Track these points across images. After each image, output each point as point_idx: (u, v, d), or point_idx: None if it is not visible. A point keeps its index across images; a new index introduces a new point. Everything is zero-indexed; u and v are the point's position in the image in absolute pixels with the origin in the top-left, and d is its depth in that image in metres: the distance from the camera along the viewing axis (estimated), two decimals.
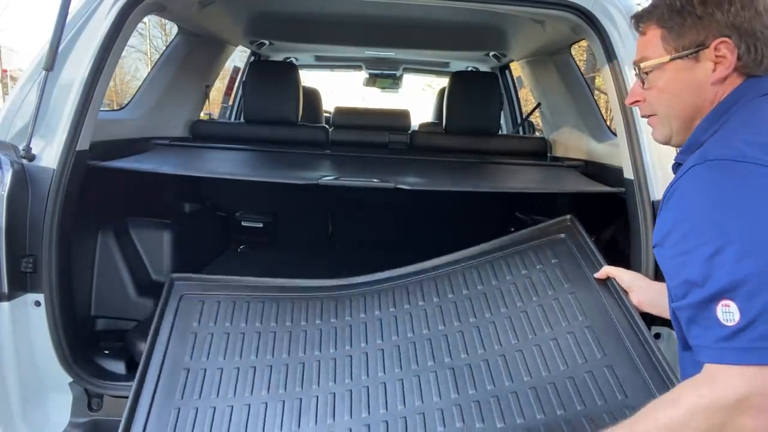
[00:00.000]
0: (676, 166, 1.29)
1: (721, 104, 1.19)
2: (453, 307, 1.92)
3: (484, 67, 4.83)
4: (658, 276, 1.82)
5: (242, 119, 3.61)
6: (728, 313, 0.99)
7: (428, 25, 3.22)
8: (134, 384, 1.69)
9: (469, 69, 4.96)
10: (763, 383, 0.96)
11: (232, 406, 1.67)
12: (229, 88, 4.97)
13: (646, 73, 1.25)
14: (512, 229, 3.18)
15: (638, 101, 1.30)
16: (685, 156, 1.21)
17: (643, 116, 1.33)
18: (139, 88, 3.01)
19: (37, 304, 1.83)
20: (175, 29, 3.14)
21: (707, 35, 1.18)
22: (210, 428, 1.60)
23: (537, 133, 4.46)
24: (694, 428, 0.99)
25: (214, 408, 1.66)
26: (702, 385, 1.01)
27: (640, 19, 1.28)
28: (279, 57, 4.81)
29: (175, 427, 1.60)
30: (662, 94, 1.24)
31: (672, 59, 1.21)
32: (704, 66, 1.19)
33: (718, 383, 0.99)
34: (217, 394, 1.70)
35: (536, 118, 4.32)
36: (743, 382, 0.97)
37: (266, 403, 1.67)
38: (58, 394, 1.92)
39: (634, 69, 1.30)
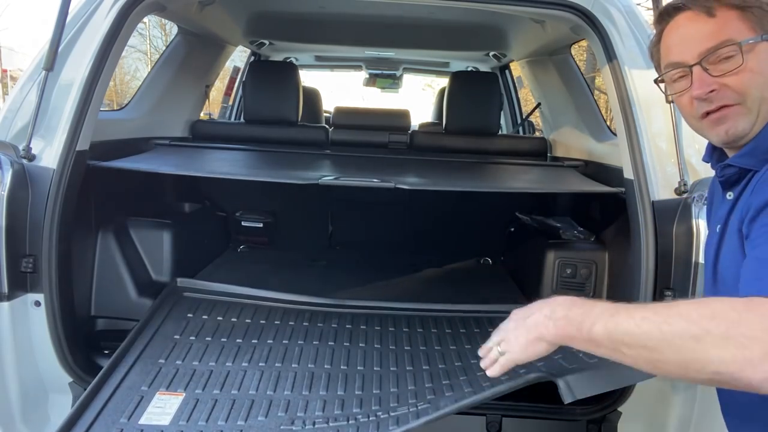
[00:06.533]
0: (721, 168, 1.20)
1: None
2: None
3: (484, 67, 4.83)
4: (657, 276, 1.82)
5: (242, 119, 3.61)
6: None
7: (428, 25, 3.22)
8: (99, 375, 1.72)
9: (469, 69, 4.96)
10: None
11: (197, 400, 1.68)
12: (229, 88, 4.96)
13: (728, 58, 1.14)
14: (512, 230, 3.19)
15: (714, 90, 1.15)
16: (747, 159, 1.14)
17: (713, 110, 1.17)
18: (139, 88, 3.01)
19: (37, 304, 1.83)
20: (175, 29, 3.14)
21: None
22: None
23: (537, 133, 4.46)
24: (750, 324, 0.88)
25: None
26: None
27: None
28: (279, 57, 4.81)
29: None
30: (757, 75, 1.14)
31: (763, 39, 1.15)
32: None
33: None
34: (185, 387, 1.73)
35: (536, 118, 4.32)
36: None
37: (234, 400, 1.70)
38: (58, 395, 1.92)
39: (699, 59, 1.17)
